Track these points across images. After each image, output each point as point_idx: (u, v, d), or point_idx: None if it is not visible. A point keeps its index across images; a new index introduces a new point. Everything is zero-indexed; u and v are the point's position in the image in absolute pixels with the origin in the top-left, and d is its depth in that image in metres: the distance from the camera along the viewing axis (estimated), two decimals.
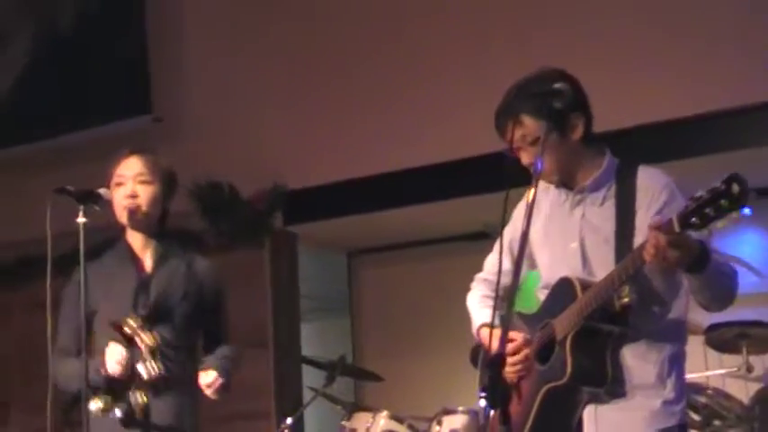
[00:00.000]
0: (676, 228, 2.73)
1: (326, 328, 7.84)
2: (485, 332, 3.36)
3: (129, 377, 3.56)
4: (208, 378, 3.72)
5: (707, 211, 2.64)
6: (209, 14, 7.12)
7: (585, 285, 3.09)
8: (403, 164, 6.32)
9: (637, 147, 5.18)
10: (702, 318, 4.88)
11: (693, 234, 2.75)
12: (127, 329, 3.57)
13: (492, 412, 2.62)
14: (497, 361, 2.65)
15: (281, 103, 6.77)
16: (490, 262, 3.49)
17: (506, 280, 3.39)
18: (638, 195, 3.14)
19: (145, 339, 3.56)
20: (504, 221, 2.86)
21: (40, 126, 7.40)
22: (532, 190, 2.96)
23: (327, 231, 7.01)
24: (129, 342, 3.57)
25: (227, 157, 6.76)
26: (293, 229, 6.82)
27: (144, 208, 3.79)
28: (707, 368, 5.25)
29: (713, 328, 4.91)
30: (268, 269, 6.64)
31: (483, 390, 2.61)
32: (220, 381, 3.71)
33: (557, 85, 3.14)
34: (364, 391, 7.01)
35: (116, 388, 3.58)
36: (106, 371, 3.56)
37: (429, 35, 6.34)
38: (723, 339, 4.97)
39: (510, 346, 3.24)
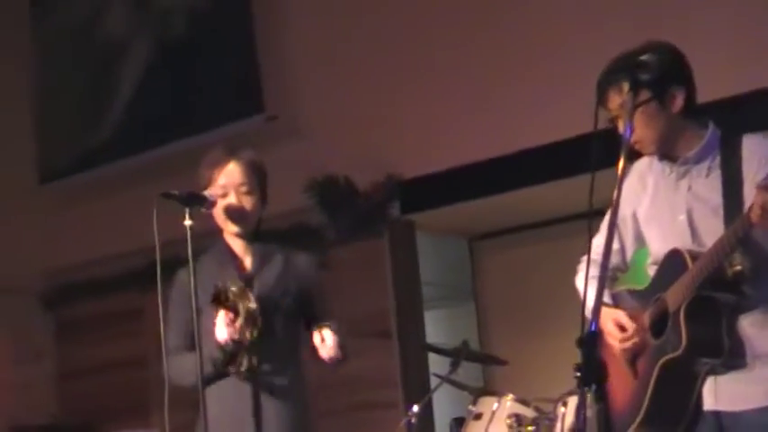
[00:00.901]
0: None
1: (451, 315, 7.85)
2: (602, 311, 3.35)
3: (239, 341, 3.60)
4: (325, 336, 3.66)
5: None
6: (317, 8, 7.17)
7: (695, 256, 3.08)
8: (518, 145, 6.27)
9: (742, 115, 5.10)
10: None
11: None
12: (230, 295, 3.62)
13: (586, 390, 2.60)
14: (591, 339, 2.64)
15: (391, 92, 6.77)
16: (597, 242, 3.45)
17: (615, 260, 3.43)
18: (744, 164, 3.12)
19: (245, 306, 3.60)
20: (591, 203, 2.83)
21: (156, 132, 7.56)
22: (621, 161, 2.94)
23: (446, 218, 7.01)
24: (234, 310, 3.62)
25: (341, 151, 6.81)
26: (412, 218, 6.84)
27: (249, 217, 3.84)
28: None
29: None
30: (388, 259, 6.67)
31: (577, 369, 2.61)
32: (336, 338, 3.68)
33: (657, 57, 3.14)
34: (491, 375, 7.01)
35: (236, 350, 3.63)
36: (217, 340, 3.61)
37: (543, 15, 6.27)
38: None
39: (620, 335, 3.27)
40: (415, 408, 5.15)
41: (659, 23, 5.64)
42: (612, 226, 2.89)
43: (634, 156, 3.22)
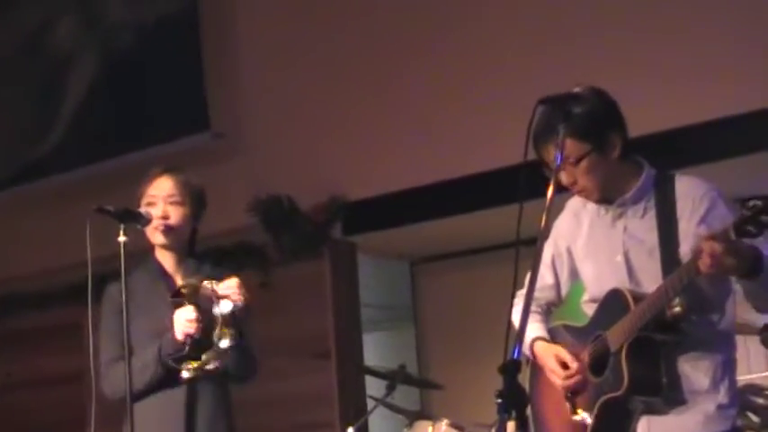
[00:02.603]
0: (732, 236, 2.77)
1: (390, 338, 7.87)
2: (540, 346, 3.40)
3: (202, 334, 3.59)
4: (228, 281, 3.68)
5: (762, 218, 2.70)
6: (263, 30, 7.18)
7: (637, 297, 3.13)
8: (462, 171, 6.32)
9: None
10: (756, 318, 4.84)
11: (747, 240, 2.79)
12: (205, 291, 3.61)
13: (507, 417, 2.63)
14: (513, 366, 2.67)
15: (338, 115, 6.80)
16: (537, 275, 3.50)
17: (550, 294, 3.49)
18: (678, 205, 3.18)
19: (225, 305, 3.59)
20: (518, 235, 2.86)
21: (101, 147, 7.53)
22: (549, 193, 2.96)
23: (388, 241, 7.03)
24: (198, 307, 3.61)
25: (286, 171, 6.82)
26: (354, 240, 6.86)
27: (175, 228, 3.83)
28: (767, 369, 5.20)
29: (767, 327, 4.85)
30: (328, 280, 6.68)
31: (499, 396, 2.63)
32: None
33: (591, 106, 3.17)
34: (428, 399, 7.02)
35: (194, 349, 3.62)
36: (174, 336, 3.60)
37: (482, 41, 6.34)
38: None
39: (562, 373, 3.30)
40: (351, 430, 5.16)
41: (596, 55, 5.75)
42: (539, 254, 2.93)
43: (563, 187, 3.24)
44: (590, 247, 3.34)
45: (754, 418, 4.69)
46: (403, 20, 6.67)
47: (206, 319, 3.59)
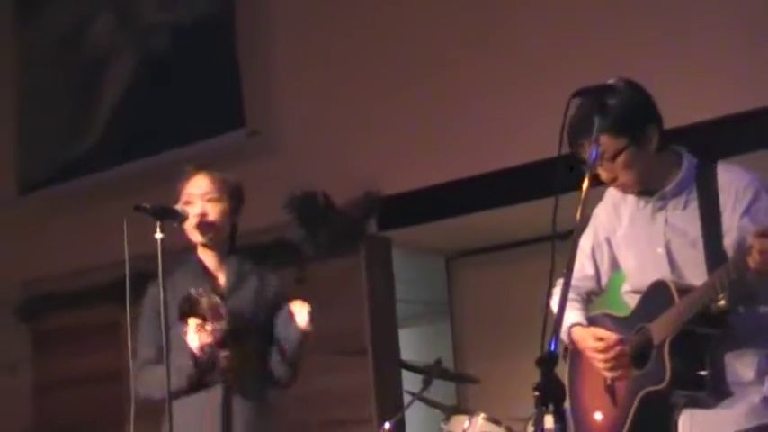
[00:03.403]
0: None
1: (426, 333, 7.87)
2: (578, 331, 3.38)
3: (214, 343, 3.63)
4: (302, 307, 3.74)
5: None
6: (297, 29, 7.20)
7: (682, 289, 3.11)
8: (498, 164, 6.30)
9: (712, 141, 5.14)
10: None
11: None
12: (194, 301, 3.65)
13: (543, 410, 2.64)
14: (550, 359, 2.67)
15: (372, 110, 6.80)
16: (574, 268, 3.44)
17: (590, 284, 3.47)
18: (721, 196, 3.16)
19: (210, 300, 3.65)
20: (554, 228, 2.84)
21: (137, 145, 7.58)
22: (584, 185, 2.94)
23: (424, 235, 7.03)
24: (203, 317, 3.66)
25: (321, 167, 6.84)
26: (389, 235, 6.87)
27: (214, 225, 3.85)
28: None
29: None
30: (363, 275, 6.69)
31: (536, 389, 2.63)
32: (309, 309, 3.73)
33: (627, 100, 3.14)
34: (464, 393, 7.03)
35: (212, 358, 3.65)
36: (191, 349, 3.63)
37: (518, 32, 6.33)
38: None
39: (601, 344, 3.26)
40: (387, 425, 5.17)
41: (631, 45, 5.72)
42: (575, 246, 2.93)
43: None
44: (630, 239, 3.32)
45: None
46: (436, 13, 6.67)
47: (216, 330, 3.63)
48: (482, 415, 4.93)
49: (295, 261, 6.63)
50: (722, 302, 3.04)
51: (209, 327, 3.63)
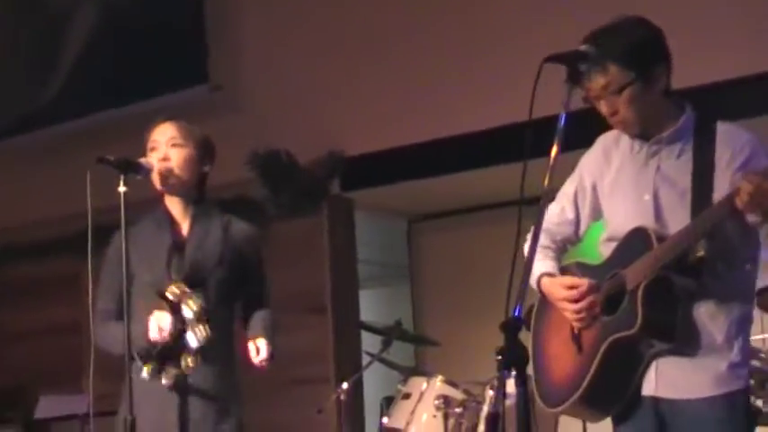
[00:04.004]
0: None
1: (386, 294, 7.89)
2: (546, 281, 3.28)
3: (173, 344, 3.58)
4: (260, 347, 3.74)
5: None
6: None
7: (661, 237, 3.03)
8: (462, 128, 6.31)
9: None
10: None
11: None
12: (171, 297, 3.60)
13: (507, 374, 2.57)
14: (514, 324, 2.59)
15: (339, 70, 6.77)
16: (551, 212, 3.37)
17: (568, 230, 3.37)
18: (718, 151, 3.07)
19: (191, 305, 3.57)
20: (522, 190, 2.80)
21: (99, 97, 7.51)
22: (554, 152, 2.80)
23: (386, 197, 7.03)
24: (173, 310, 3.59)
25: (285, 126, 6.80)
26: (352, 196, 6.86)
27: (176, 171, 3.78)
28: (762, 331, 5.20)
29: (765, 290, 4.82)
30: (326, 235, 6.69)
31: (499, 353, 2.58)
32: (269, 349, 3.75)
33: (639, 34, 3.08)
34: (424, 356, 7.06)
35: (161, 354, 3.61)
36: (149, 340, 3.59)
37: (493, 1, 6.31)
38: None
39: (573, 293, 3.17)
40: (345, 385, 5.18)
41: (600, 10, 5.68)
42: (541, 215, 2.79)
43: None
44: (618, 184, 3.23)
45: (750, 381, 4.69)
46: None
47: (178, 330, 3.58)
48: (440, 377, 4.94)
49: (257, 220, 6.59)
50: (701, 253, 2.97)
51: (169, 326, 3.58)
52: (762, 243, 3.06)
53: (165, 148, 3.79)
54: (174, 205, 3.85)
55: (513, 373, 2.57)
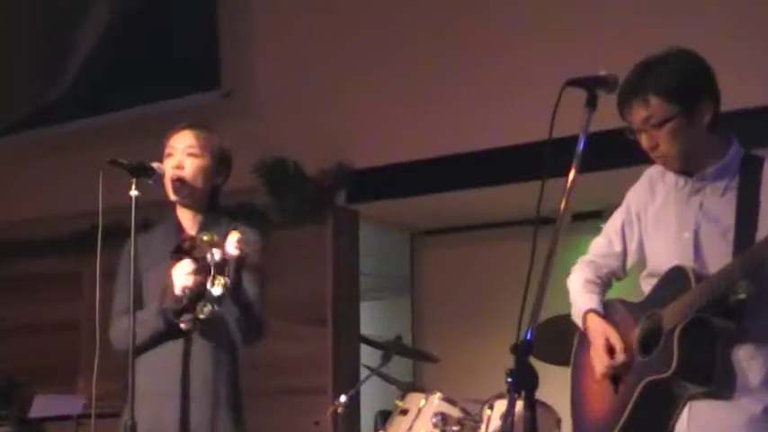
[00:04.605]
0: None
1: (387, 308, 7.88)
2: (593, 319, 3.24)
3: (199, 292, 3.57)
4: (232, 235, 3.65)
5: None
6: None
7: (700, 277, 2.97)
8: (469, 146, 6.31)
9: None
10: None
11: None
12: (202, 243, 3.57)
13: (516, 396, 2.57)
14: (524, 347, 2.58)
15: (350, 82, 6.77)
16: (598, 244, 3.37)
17: (615, 263, 3.34)
18: (763, 190, 3.00)
19: (214, 253, 3.53)
20: (539, 209, 2.77)
21: (111, 97, 7.51)
22: (572, 175, 2.79)
23: (391, 211, 7.04)
24: (194, 258, 3.59)
25: (293, 135, 6.80)
26: (357, 208, 6.85)
27: (188, 180, 3.79)
28: None
29: None
30: (329, 246, 6.68)
31: (509, 375, 2.57)
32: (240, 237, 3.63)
33: (685, 68, 3.03)
34: (422, 371, 7.04)
35: (193, 301, 3.60)
36: (173, 291, 3.59)
37: (498, 16, 6.32)
38: None
39: (606, 355, 3.15)
40: (343, 397, 5.16)
41: (612, 34, 5.70)
42: (556, 239, 2.75)
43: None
44: (660, 219, 3.19)
45: None
46: None
47: (204, 272, 3.56)
48: (438, 394, 4.91)
49: (261, 227, 6.58)
50: (742, 295, 2.89)
51: (197, 276, 3.57)
52: None
53: (181, 155, 3.80)
54: (184, 214, 3.86)
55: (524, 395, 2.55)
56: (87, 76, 7.74)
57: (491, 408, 4.66)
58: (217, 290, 3.51)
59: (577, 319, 3.31)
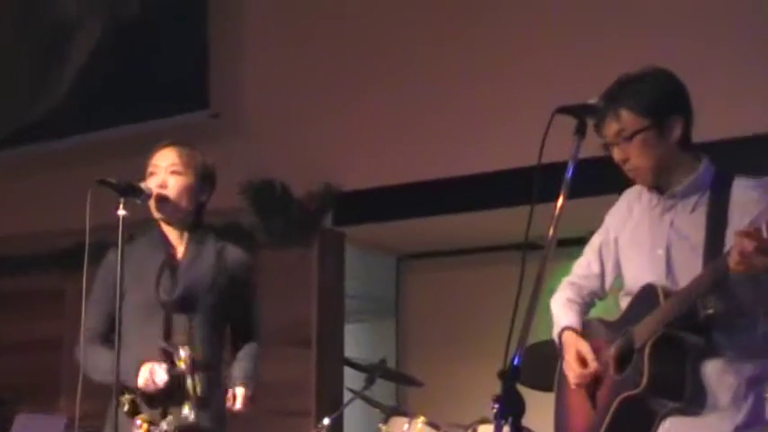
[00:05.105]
0: (765, 234, 2.71)
1: (372, 330, 7.86)
2: (568, 336, 3.32)
3: (172, 392, 3.58)
4: (237, 395, 3.77)
5: None
6: (269, 13, 7.17)
7: (669, 293, 3.04)
8: (456, 171, 6.32)
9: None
10: None
11: None
12: (169, 349, 3.60)
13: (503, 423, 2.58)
14: (512, 372, 2.60)
15: (338, 104, 6.79)
16: (580, 265, 3.44)
17: (595, 284, 3.40)
18: (732, 207, 3.07)
19: (181, 359, 3.58)
20: (527, 235, 2.80)
21: (98, 115, 7.50)
22: (560, 201, 2.83)
23: (378, 234, 7.03)
24: (169, 360, 3.60)
25: (281, 156, 6.80)
26: (343, 230, 6.85)
27: (172, 198, 3.78)
28: None
29: None
30: (315, 268, 6.67)
31: (495, 400, 2.59)
32: (247, 394, 3.75)
33: (658, 83, 3.10)
34: (406, 395, 7.02)
35: (162, 399, 3.61)
36: (137, 384, 3.59)
37: (487, 41, 6.34)
38: None
39: (579, 368, 3.23)
40: (326, 420, 5.14)
41: (604, 61, 5.72)
42: (544, 263, 2.77)
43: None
44: (635, 238, 3.25)
45: None
46: (408, 12, 6.66)
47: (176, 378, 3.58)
48: (421, 418, 4.90)
49: (246, 248, 6.57)
50: (710, 311, 2.96)
51: (162, 379, 3.58)
52: None
53: (165, 174, 3.78)
54: (169, 230, 3.85)
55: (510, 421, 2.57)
56: (76, 94, 7.73)
57: None
58: (185, 411, 3.56)
59: (555, 336, 3.38)
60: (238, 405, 3.74)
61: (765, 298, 3.01)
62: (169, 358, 3.59)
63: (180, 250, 3.82)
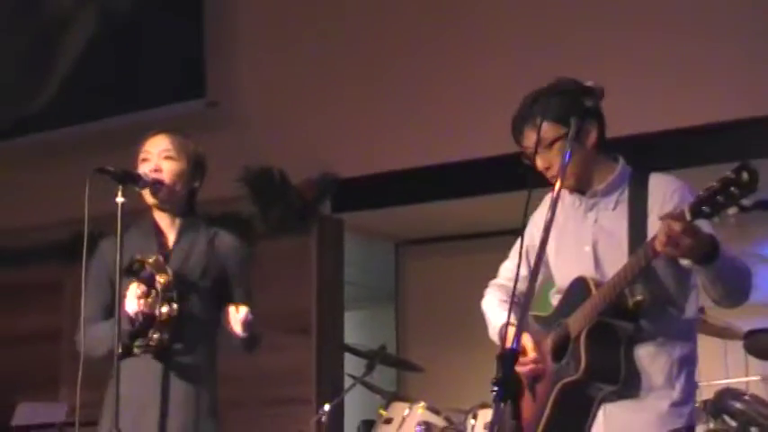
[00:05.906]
0: (688, 216, 2.81)
1: (371, 317, 7.88)
2: (509, 331, 3.31)
3: (150, 315, 3.57)
4: (239, 312, 3.62)
5: (718, 198, 2.72)
6: (265, 2, 7.18)
7: (598, 284, 3.18)
8: (454, 156, 6.33)
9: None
10: (742, 323, 4.85)
11: (704, 225, 2.86)
12: (145, 267, 3.59)
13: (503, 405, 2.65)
14: (510, 355, 2.69)
15: (335, 91, 6.79)
16: (507, 268, 3.59)
17: (522, 286, 3.43)
18: (650, 199, 3.22)
19: (160, 279, 3.57)
20: (524, 223, 2.88)
21: (94, 106, 7.50)
22: (556, 188, 3.01)
23: (376, 220, 7.05)
24: (148, 284, 3.59)
25: (279, 144, 6.80)
26: (342, 217, 6.86)
27: (166, 183, 3.79)
28: (747, 374, 5.22)
29: (752, 333, 4.86)
30: (314, 256, 6.69)
31: (495, 383, 2.65)
32: (248, 314, 3.62)
33: (570, 93, 3.22)
34: (406, 380, 7.05)
35: (141, 330, 3.60)
36: (126, 312, 3.58)
37: (480, 28, 6.35)
38: (762, 345, 4.91)
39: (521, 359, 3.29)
40: (327, 407, 5.16)
41: (587, 47, 5.75)
42: (521, 247, 2.96)
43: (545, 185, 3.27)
44: (562, 239, 3.37)
45: (732, 423, 4.70)
46: (404, 2, 6.66)
47: (153, 296, 3.57)
48: (422, 403, 4.93)
49: (245, 237, 6.58)
50: (639, 297, 3.10)
51: (148, 298, 3.57)
52: (694, 284, 3.18)
53: (158, 159, 3.79)
54: (162, 218, 3.85)
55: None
56: (72, 84, 7.73)
57: (475, 417, 4.69)
58: (163, 316, 3.55)
59: (494, 336, 3.52)
60: (242, 314, 3.60)
61: (688, 283, 3.19)
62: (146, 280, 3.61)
63: (171, 237, 3.82)
